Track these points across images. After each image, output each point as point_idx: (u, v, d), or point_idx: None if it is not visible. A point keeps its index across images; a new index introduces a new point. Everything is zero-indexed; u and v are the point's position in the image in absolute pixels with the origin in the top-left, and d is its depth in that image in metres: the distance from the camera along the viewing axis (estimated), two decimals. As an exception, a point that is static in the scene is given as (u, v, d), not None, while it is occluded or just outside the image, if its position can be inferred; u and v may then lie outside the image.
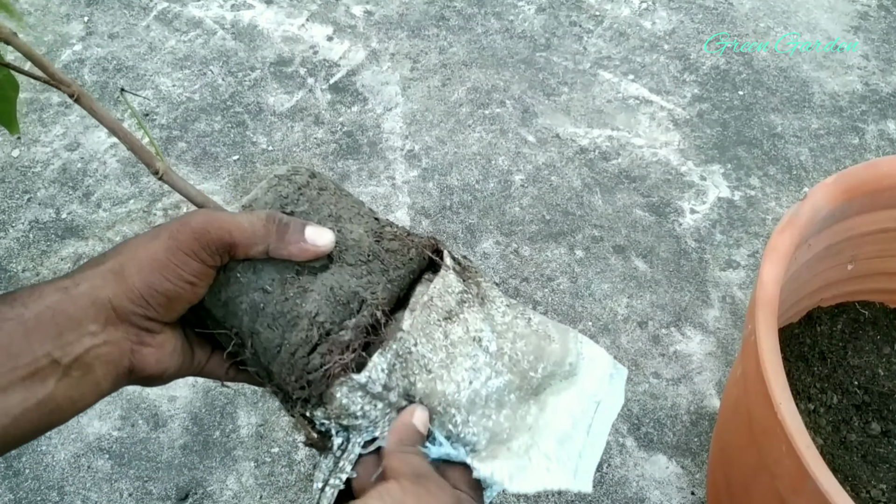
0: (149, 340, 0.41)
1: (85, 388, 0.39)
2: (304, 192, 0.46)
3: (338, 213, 0.46)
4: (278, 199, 0.45)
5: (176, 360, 0.43)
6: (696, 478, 0.99)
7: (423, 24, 1.60)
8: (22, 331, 0.37)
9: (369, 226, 0.46)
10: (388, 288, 0.44)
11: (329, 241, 0.42)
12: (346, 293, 0.42)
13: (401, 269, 0.45)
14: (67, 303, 0.38)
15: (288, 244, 0.41)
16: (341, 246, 0.44)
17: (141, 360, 0.41)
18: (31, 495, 0.99)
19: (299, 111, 1.43)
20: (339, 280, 0.43)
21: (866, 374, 0.92)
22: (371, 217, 0.47)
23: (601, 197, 1.30)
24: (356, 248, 0.44)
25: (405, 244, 0.46)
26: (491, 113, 1.43)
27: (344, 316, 0.42)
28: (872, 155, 1.39)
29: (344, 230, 0.45)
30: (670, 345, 1.12)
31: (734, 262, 1.22)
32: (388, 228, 0.47)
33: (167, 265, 0.40)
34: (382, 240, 0.46)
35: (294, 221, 0.42)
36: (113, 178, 1.32)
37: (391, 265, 0.45)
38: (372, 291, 0.43)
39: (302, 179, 0.46)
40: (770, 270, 0.72)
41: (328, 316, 0.42)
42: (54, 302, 0.38)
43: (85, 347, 0.38)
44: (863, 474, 0.83)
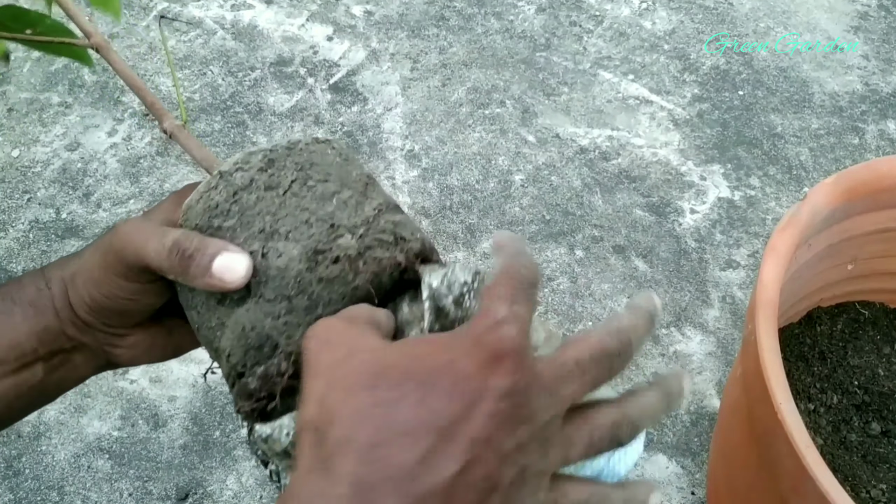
0: (118, 343, 0.41)
1: (67, 375, 0.41)
2: (239, 197, 0.38)
3: (274, 226, 0.37)
4: (207, 211, 0.38)
5: (155, 354, 0.43)
6: (696, 478, 0.99)
7: (423, 24, 1.60)
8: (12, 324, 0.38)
9: (313, 242, 0.36)
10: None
11: (238, 277, 0.35)
12: (257, 335, 0.35)
13: (336, 303, 0.36)
14: (44, 303, 0.39)
15: (193, 278, 0.36)
16: (262, 275, 0.36)
17: (115, 358, 0.42)
18: (31, 495, 0.99)
19: (299, 111, 1.43)
20: (253, 319, 0.36)
21: (866, 374, 0.92)
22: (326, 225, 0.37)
23: (601, 197, 1.30)
24: (279, 279, 0.36)
25: (352, 268, 0.36)
26: (491, 113, 1.43)
27: (256, 360, 0.36)
28: (872, 155, 1.39)
29: (271, 253, 0.36)
30: (670, 345, 1.12)
31: (734, 262, 1.22)
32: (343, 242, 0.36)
33: (102, 283, 0.38)
34: (320, 265, 0.36)
35: (201, 251, 0.36)
36: (113, 178, 1.32)
37: (322, 300, 0.35)
38: (288, 336, 0.35)
39: (244, 179, 0.38)
40: (770, 270, 0.72)
41: (239, 358, 0.36)
42: (33, 300, 0.39)
43: (62, 345, 0.40)
44: (863, 474, 0.83)
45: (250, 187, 0.38)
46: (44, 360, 0.40)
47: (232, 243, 0.36)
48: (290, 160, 0.39)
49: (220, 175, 0.38)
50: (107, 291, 0.38)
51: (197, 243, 0.36)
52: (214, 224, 0.38)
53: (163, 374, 1.07)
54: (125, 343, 0.42)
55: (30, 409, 0.41)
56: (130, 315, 0.40)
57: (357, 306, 0.34)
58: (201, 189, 0.39)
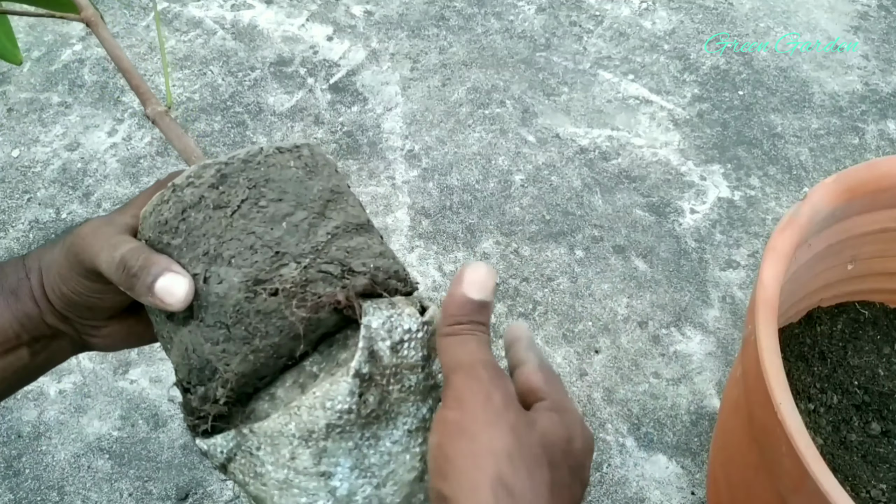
0: (94, 333, 0.42)
1: (51, 357, 0.43)
2: (187, 216, 0.36)
3: (218, 249, 0.36)
4: (157, 226, 0.37)
5: (132, 341, 0.44)
6: (696, 478, 0.99)
7: (423, 24, 1.60)
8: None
9: (254, 270, 0.35)
10: (248, 360, 0.34)
11: (178, 300, 0.35)
12: (199, 358, 0.35)
13: (273, 336, 0.34)
14: (24, 291, 0.41)
15: (138, 295, 0.36)
16: (203, 300, 0.35)
17: (92, 345, 0.43)
18: (31, 495, 0.99)
19: (299, 111, 1.43)
20: (194, 341, 0.36)
21: (866, 374, 0.92)
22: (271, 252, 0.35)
23: (601, 197, 1.30)
24: (218, 305, 0.35)
25: (290, 304, 0.34)
26: (491, 113, 1.43)
27: (199, 380, 0.36)
28: (872, 155, 1.39)
29: (212, 278, 0.35)
30: (670, 345, 1.12)
31: (734, 262, 1.22)
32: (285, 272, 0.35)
33: (68, 279, 0.39)
34: (258, 296, 0.35)
35: (146, 269, 0.36)
36: (113, 178, 1.32)
37: (259, 332, 0.34)
38: (226, 363, 0.35)
39: (193, 196, 0.36)
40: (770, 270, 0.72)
41: (184, 375, 0.36)
42: (14, 288, 0.40)
43: (43, 332, 0.41)
44: (863, 474, 0.83)
45: (199, 205, 0.36)
46: (27, 345, 0.41)
47: (177, 263, 0.36)
48: (243, 176, 0.37)
49: (173, 189, 0.37)
50: (72, 288, 0.39)
51: (143, 261, 0.36)
52: (163, 240, 0.37)
53: (163, 374, 1.07)
54: (101, 333, 0.43)
55: (16, 389, 0.43)
56: (100, 310, 0.41)
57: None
58: (154, 201, 0.38)
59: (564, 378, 1.08)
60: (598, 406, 1.05)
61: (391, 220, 1.26)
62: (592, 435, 0.33)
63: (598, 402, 1.06)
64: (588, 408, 1.05)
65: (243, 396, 0.36)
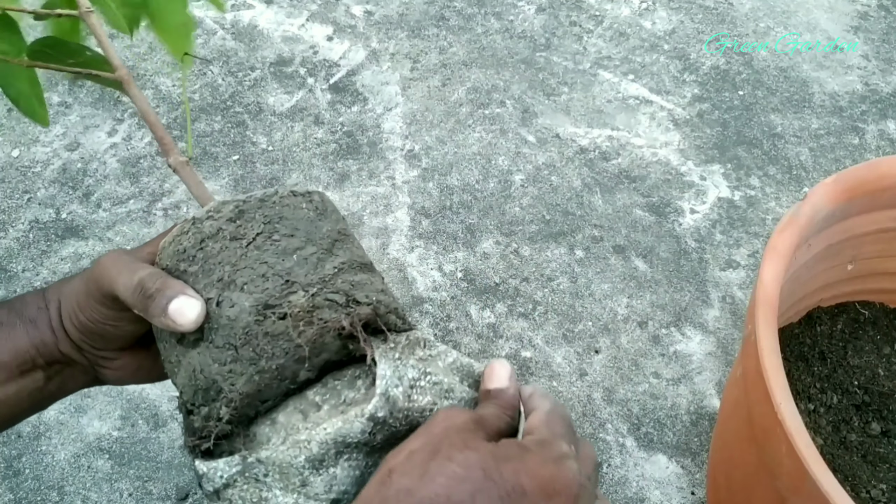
0: (105, 364, 0.45)
1: (63, 386, 0.45)
2: (205, 245, 0.40)
3: (232, 276, 0.38)
4: (176, 255, 0.40)
5: (141, 376, 0.46)
6: (696, 478, 0.99)
7: (423, 24, 1.60)
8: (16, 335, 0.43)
9: (265, 296, 0.38)
10: (253, 380, 0.36)
11: (189, 321, 0.38)
12: (205, 379, 0.37)
13: (279, 358, 0.36)
14: (43, 321, 0.43)
15: (152, 316, 0.39)
16: (214, 322, 0.38)
17: (104, 377, 0.45)
18: (31, 495, 0.99)
19: (299, 111, 1.43)
20: (202, 362, 0.38)
21: (866, 374, 0.92)
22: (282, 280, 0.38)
23: (601, 197, 1.30)
24: (228, 327, 0.37)
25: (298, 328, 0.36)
26: (491, 113, 1.43)
27: (203, 401, 0.37)
28: (872, 155, 1.39)
29: (224, 302, 0.38)
30: (670, 345, 1.12)
31: (734, 262, 1.22)
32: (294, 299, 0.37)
33: (85, 307, 0.42)
34: (267, 319, 0.37)
35: (161, 291, 0.38)
36: (113, 178, 1.32)
37: (265, 353, 0.36)
38: (232, 383, 0.36)
39: (212, 227, 0.40)
40: (770, 270, 0.72)
41: (189, 397, 0.38)
42: (34, 317, 0.43)
43: (57, 359, 0.44)
44: (863, 474, 0.83)
45: (216, 236, 0.39)
46: (42, 368, 0.43)
47: (192, 288, 0.39)
48: (259, 212, 0.40)
49: (193, 221, 0.40)
50: (88, 315, 0.42)
51: (159, 284, 0.39)
52: (181, 268, 0.40)
53: (163, 374, 1.08)
54: (113, 365, 0.45)
55: (29, 413, 0.44)
56: (113, 339, 0.43)
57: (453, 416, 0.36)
58: (174, 232, 0.41)
59: (564, 378, 1.08)
60: (598, 406, 1.05)
61: (391, 220, 1.26)
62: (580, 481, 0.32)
63: (598, 402, 1.06)
64: (588, 408, 1.05)
65: (245, 419, 0.37)
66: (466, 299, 1.16)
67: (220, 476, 0.35)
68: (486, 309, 1.15)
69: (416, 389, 0.36)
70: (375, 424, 0.35)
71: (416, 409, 0.36)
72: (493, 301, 1.16)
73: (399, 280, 1.18)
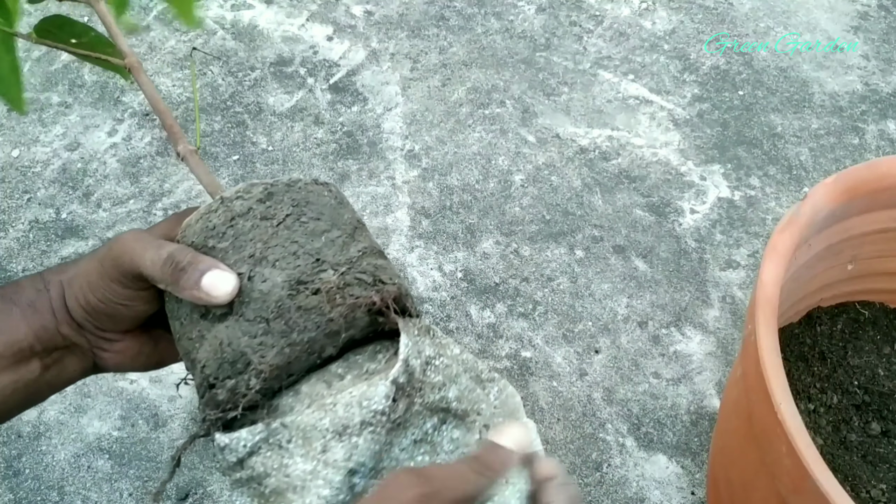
0: (107, 347, 0.44)
1: (60, 375, 0.44)
2: (236, 223, 0.40)
3: (263, 253, 0.39)
4: (204, 231, 0.41)
5: (139, 362, 0.46)
6: (696, 478, 0.99)
7: (423, 24, 1.60)
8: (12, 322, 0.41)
9: (297, 272, 0.39)
10: (284, 353, 0.37)
11: (224, 293, 0.38)
12: (233, 351, 0.38)
13: (311, 332, 0.37)
14: (43, 303, 0.42)
15: (182, 289, 0.38)
16: (245, 296, 0.38)
17: (102, 362, 0.44)
18: (31, 495, 0.99)
19: (299, 111, 1.43)
20: (231, 335, 0.38)
21: (866, 374, 0.92)
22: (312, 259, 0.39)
23: (601, 197, 1.30)
24: (260, 301, 0.38)
25: (330, 301, 0.37)
26: (491, 113, 1.43)
27: (228, 374, 0.38)
28: (872, 155, 1.39)
29: (256, 277, 0.39)
30: (670, 345, 1.12)
31: (734, 262, 1.22)
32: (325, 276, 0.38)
33: (98, 287, 0.41)
34: (300, 293, 0.38)
35: (194, 265, 0.38)
36: (113, 178, 1.32)
37: (298, 326, 0.37)
38: (262, 355, 0.37)
39: (242, 206, 0.41)
40: (770, 270, 0.72)
41: (213, 371, 0.38)
42: (32, 301, 0.42)
43: (56, 344, 0.42)
44: (863, 474, 0.83)
45: (247, 215, 0.40)
46: (39, 357, 0.42)
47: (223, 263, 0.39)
48: (287, 196, 0.41)
49: (222, 200, 0.41)
50: (101, 295, 0.41)
51: (191, 258, 0.39)
52: (209, 244, 0.40)
53: (163, 374, 1.07)
54: (114, 348, 0.44)
55: (24, 407, 0.43)
56: (121, 319, 0.43)
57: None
58: (202, 211, 0.41)
59: (564, 378, 1.08)
60: (598, 406, 1.05)
61: (391, 220, 1.26)
62: None
63: (598, 402, 1.06)
64: (588, 408, 1.05)
65: (269, 392, 0.37)
66: (466, 299, 1.16)
67: (243, 445, 0.36)
68: (486, 309, 1.15)
69: (430, 366, 0.37)
70: (398, 390, 0.35)
71: (429, 384, 0.37)
72: (493, 301, 1.16)
73: (399, 280, 1.18)
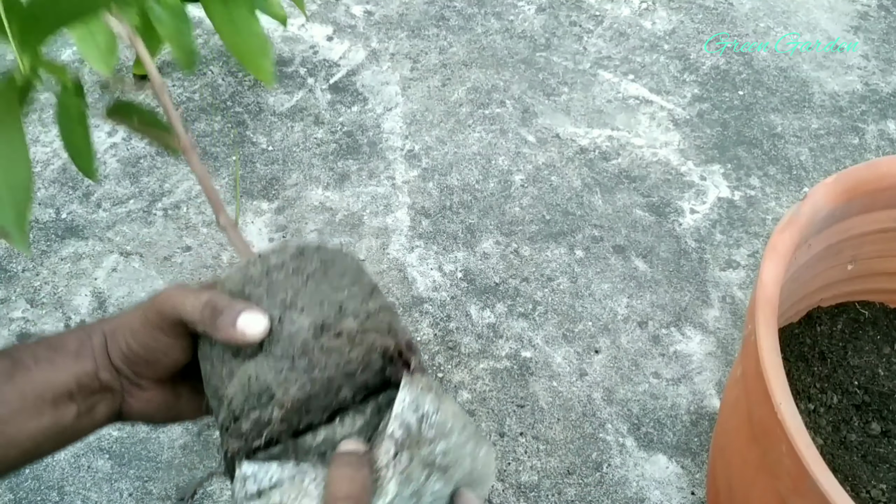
0: (136, 394, 0.49)
1: (91, 420, 0.48)
2: (271, 274, 0.46)
3: (292, 300, 0.45)
4: (242, 280, 0.46)
5: (162, 412, 0.50)
6: (696, 478, 0.99)
7: (423, 24, 1.60)
8: (56, 367, 0.46)
9: (322, 318, 0.44)
10: (305, 388, 0.41)
11: (257, 333, 0.43)
12: (260, 385, 0.42)
13: (331, 370, 0.42)
14: (85, 351, 0.47)
15: (218, 330, 0.43)
16: (275, 336, 0.43)
17: (128, 408, 0.49)
18: (31, 495, 0.99)
19: (299, 111, 1.43)
20: (259, 371, 0.43)
21: (866, 374, 0.92)
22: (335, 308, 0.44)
23: (601, 197, 1.30)
24: (288, 341, 0.43)
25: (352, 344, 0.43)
26: (491, 113, 1.43)
27: (253, 406, 0.42)
28: (872, 155, 1.39)
29: (286, 320, 0.44)
30: (670, 345, 1.12)
31: (734, 262, 1.22)
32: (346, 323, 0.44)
33: (140, 333, 0.46)
34: (324, 335, 0.43)
35: (230, 308, 0.43)
36: (113, 178, 1.32)
37: (319, 364, 0.42)
38: (286, 389, 0.41)
39: (278, 260, 0.47)
40: (770, 270, 0.72)
41: (240, 403, 0.42)
42: (76, 348, 0.47)
43: (93, 390, 0.47)
44: (863, 474, 0.83)
45: (281, 268, 0.46)
46: (76, 402, 0.46)
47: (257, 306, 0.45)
48: (316, 255, 0.48)
49: (259, 256, 0.48)
50: (142, 342, 0.46)
51: (227, 301, 0.44)
52: (245, 291, 0.46)
53: (163, 374, 1.08)
54: (143, 396, 0.49)
55: (55, 449, 0.47)
56: (157, 366, 0.48)
57: None
58: (240, 265, 0.48)
59: (564, 378, 1.08)
60: (598, 406, 1.05)
61: (391, 220, 1.26)
62: None
63: (598, 402, 1.06)
64: (588, 408, 1.05)
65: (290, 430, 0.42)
66: (466, 299, 1.16)
67: (270, 477, 0.40)
68: (486, 309, 1.15)
69: (426, 421, 0.41)
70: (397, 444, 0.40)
71: (426, 439, 0.41)
72: (493, 301, 1.16)
73: (399, 280, 1.18)
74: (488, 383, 1.07)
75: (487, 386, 1.06)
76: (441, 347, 1.10)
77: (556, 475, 0.98)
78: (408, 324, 1.13)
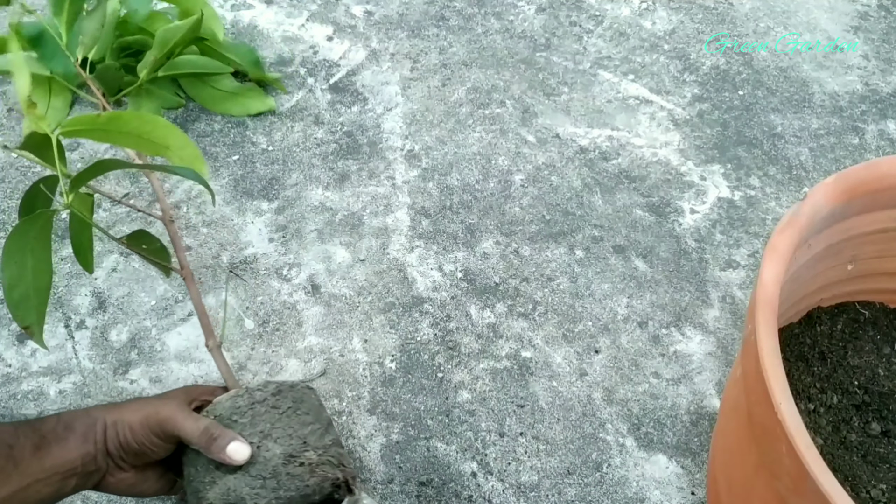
0: (117, 474, 0.62)
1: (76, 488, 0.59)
2: (254, 407, 0.60)
3: (270, 431, 0.59)
4: (231, 409, 0.61)
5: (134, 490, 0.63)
6: (696, 478, 0.99)
7: (423, 24, 1.60)
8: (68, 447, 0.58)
9: (290, 449, 0.58)
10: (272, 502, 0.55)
11: (242, 458, 0.57)
12: (236, 496, 0.55)
13: (292, 492, 0.56)
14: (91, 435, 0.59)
15: (212, 452, 0.58)
16: (254, 459, 0.57)
17: (105, 483, 0.61)
18: None
19: (299, 111, 1.43)
20: (237, 485, 0.56)
21: (866, 374, 0.92)
22: (301, 441, 0.58)
23: (601, 197, 1.30)
24: (263, 464, 0.56)
25: (311, 473, 0.56)
26: (491, 113, 1.43)
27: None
28: (872, 155, 1.39)
29: (263, 447, 0.58)
30: (670, 345, 1.12)
31: (734, 262, 1.22)
32: (308, 455, 0.57)
33: (139, 434, 0.60)
34: (290, 464, 0.56)
35: (223, 436, 0.58)
36: (113, 178, 1.32)
37: (284, 486, 0.55)
38: (255, 502, 0.55)
39: (261, 395, 0.61)
40: (770, 270, 0.72)
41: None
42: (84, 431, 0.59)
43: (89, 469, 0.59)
44: (863, 474, 0.83)
45: (263, 403, 0.61)
46: (77, 476, 0.58)
47: (241, 435, 0.59)
48: (290, 394, 0.62)
49: (247, 390, 0.62)
50: (138, 440, 0.60)
51: (220, 431, 0.59)
52: (233, 419, 0.60)
53: (163, 375, 1.07)
54: (120, 476, 0.62)
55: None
56: (143, 458, 0.61)
57: None
58: (231, 394, 0.62)
59: (564, 378, 1.08)
60: (598, 406, 1.05)
61: (391, 220, 1.26)
62: None
63: (598, 402, 1.06)
64: (588, 408, 1.05)
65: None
66: (466, 299, 1.16)
67: None
68: (486, 309, 1.15)
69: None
70: None
71: None
72: (493, 301, 1.16)
73: (399, 280, 1.18)
74: (488, 383, 1.07)
75: (487, 386, 1.06)
76: (441, 347, 1.10)
77: (556, 475, 0.98)
78: (408, 324, 1.13)
